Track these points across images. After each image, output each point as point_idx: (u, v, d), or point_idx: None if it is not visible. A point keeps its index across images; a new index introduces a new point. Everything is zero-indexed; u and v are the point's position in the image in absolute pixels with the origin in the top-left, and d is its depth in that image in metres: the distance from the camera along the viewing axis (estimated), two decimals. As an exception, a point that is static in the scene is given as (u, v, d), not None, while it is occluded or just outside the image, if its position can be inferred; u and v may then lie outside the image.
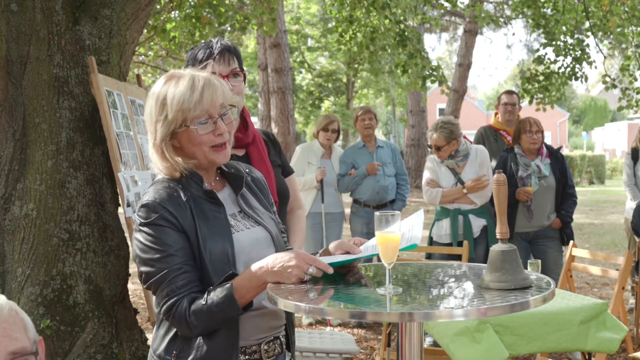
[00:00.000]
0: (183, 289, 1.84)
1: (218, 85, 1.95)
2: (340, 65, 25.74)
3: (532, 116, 5.31)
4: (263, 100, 14.83)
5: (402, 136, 33.74)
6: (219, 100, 1.92)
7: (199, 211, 1.91)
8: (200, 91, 1.90)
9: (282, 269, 1.83)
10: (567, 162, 5.30)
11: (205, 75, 1.96)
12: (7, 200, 3.54)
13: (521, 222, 5.15)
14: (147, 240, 1.88)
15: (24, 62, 3.57)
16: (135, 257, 1.93)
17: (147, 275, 1.89)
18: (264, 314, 1.97)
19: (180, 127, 1.90)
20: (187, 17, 7.55)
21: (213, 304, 1.81)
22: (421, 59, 8.54)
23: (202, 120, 1.90)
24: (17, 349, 1.50)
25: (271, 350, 2.01)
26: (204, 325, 1.84)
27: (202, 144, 1.92)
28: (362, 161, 5.95)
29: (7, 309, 1.53)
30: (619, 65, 10.87)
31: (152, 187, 1.96)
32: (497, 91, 57.90)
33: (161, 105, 1.91)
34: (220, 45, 2.59)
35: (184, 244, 1.87)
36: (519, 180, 5.10)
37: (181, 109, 1.88)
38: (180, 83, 1.91)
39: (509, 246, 1.86)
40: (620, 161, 31.01)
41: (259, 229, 2.03)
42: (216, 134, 1.92)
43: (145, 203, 1.90)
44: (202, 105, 1.89)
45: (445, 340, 3.23)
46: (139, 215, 1.91)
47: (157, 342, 1.96)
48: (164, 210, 1.87)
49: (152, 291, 1.91)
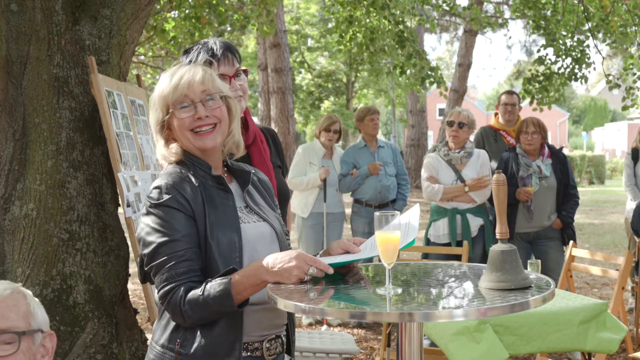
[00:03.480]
0: (183, 276, 1.84)
1: (200, 73, 1.98)
2: (340, 65, 25.74)
3: (533, 117, 5.30)
4: (263, 100, 14.83)
5: (402, 136, 33.73)
6: (197, 86, 1.96)
7: (208, 198, 1.93)
8: (179, 76, 1.97)
9: (282, 269, 1.82)
10: (569, 163, 5.28)
11: (192, 65, 2.02)
12: (7, 200, 3.54)
13: (521, 223, 5.14)
14: (155, 222, 1.88)
15: (24, 62, 3.57)
16: (139, 239, 1.93)
17: (149, 258, 1.89)
18: (267, 309, 1.96)
19: (167, 114, 1.96)
20: (187, 18, 7.55)
21: (209, 296, 1.81)
22: (420, 59, 8.54)
23: (183, 104, 1.96)
24: (4, 327, 1.51)
25: (273, 349, 2.00)
26: (198, 316, 1.84)
27: (184, 128, 1.96)
28: (364, 161, 5.96)
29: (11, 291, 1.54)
30: (618, 65, 10.88)
31: (163, 174, 1.98)
32: (497, 91, 57.91)
33: (151, 99, 2.00)
34: (221, 46, 2.57)
35: (191, 229, 1.88)
36: (520, 181, 5.10)
37: (161, 94, 1.97)
38: (166, 72, 2.02)
39: (508, 246, 1.86)
40: (620, 161, 31.00)
41: (264, 224, 2.04)
42: (195, 117, 1.95)
43: (159, 185, 1.92)
44: (179, 90, 1.95)
45: (443, 340, 3.23)
46: (149, 197, 1.91)
47: (158, 332, 1.96)
48: (177, 193, 1.89)
49: (152, 273, 1.90)
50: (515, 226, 5.13)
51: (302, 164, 6.05)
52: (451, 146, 5.13)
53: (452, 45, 36.80)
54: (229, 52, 2.57)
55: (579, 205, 5.28)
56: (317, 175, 5.91)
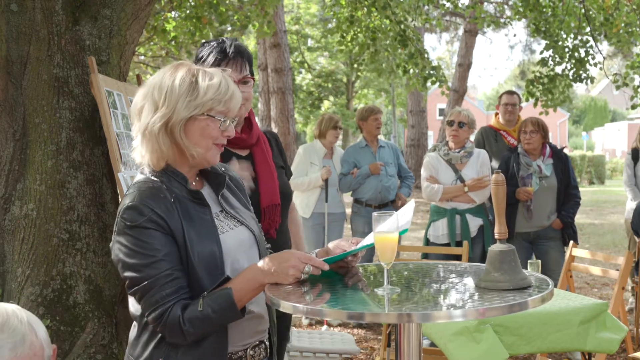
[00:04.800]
0: (173, 296, 1.80)
1: (240, 96, 1.99)
2: (340, 65, 25.72)
3: (533, 116, 5.28)
4: (263, 100, 14.82)
5: (402, 136, 33.72)
6: (237, 108, 1.97)
7: (184, 212, 1.87)
8: (232, 90, 1.94)
9: (279, 270, 1.82)
10: (570, 163, 5.26)
11: (231, 80, 1.98)
12: (7, 200, 3.54)
13: (521, 222, 5.13)
14: (134, 244, 1.81)
15: (24, 62, 3.57)
16: (117, 261, 1.85)
17: (133, 282, 1.82)
18: (250, 318, 1.94)
19: (202, 114, 1.89)
20: (188, 18, 7.55)
21: (211, 310, 1.78)
22: (422, 59, 8.53)
23: (221, 117, 1.92)
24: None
25: (257, 356, 1.99)
26: (199, 332, 1.80)
27: (211, 138, 1.92)
28: (365, 161, 5.96)
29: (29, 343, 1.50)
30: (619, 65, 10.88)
31: (134, 187, 1.91)
32: (497, 91, 57.86)
33: (189, 85, 1.89)
34: (234, 49, 2.55)
35: (172, 247, 1.82)
36: (520, 180, 5.09)
37: (214, 98, 1.89)
38: (213, 77, 1.92)
39: (507, 246, 1.86)
40: (620, 161, 30.98)
41: (242, 228, 2.01)
42: (225, 134, 1.94)
43: (131, 205, 1.83)
44: (230, 104, 1.92)
45: (443, 340, 3.22)
46: (123, 218, 1.83)
47: (139, 349, 1.90)
48: (152, 212, 1.82)
49: (137, 298, 1.84)
50: (515, 226, 5.13)
51: (303, 164, 6.05)
52: (451, 146, 5.13)
53: (452, 45, 36.79)
54: (240, 56, 2.55)
55: (580, 206, 5.26)
56: (319, 176, 5.91)
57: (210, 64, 2.52)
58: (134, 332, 1.95)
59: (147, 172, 1.94)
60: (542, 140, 5.14)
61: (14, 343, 1.47)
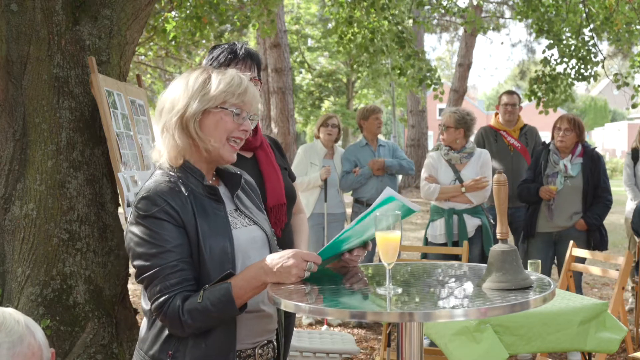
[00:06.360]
0: (176, 286, 1.82)
1: (257, 93, 2.01)
2: (340, 65, 25.72)
3: (569, 114, 5.17)
4: (263, 101, 14.81)
5: (402, 136, 33.72)
6: (254, 104, 1.98)
7: (199, 207, 1.90)
8: (246, 85, 1.96)
9: (281, 269, 1.82)
10: (603, 164, 5.03)
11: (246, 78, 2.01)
12: (7, 200, 3.54)
13: (542, 222, 5.02)
14: (145, 233, 1.85)
15: (24, 62, 3.57)
16: (129, 249, 1.90)
17: (141, 270, 1.86)
18: (260, 317, 1.96)
19: (216, 107, 1.92)
20: (188, 18, 7.55)
21: (210, 303, 1.79)
22: (419, 60, 8.53)
23: (237, 110, 1.94)
24: None
25: (265, 355, 2.00)
26: (198, 325, 1.82)
27: (226, 131, 1.93)
28: (365, 159, 5.98)
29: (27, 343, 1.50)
30: (619, 64, 10.87)
31: (152, 179, 1.95)
32: (497, 91, 57.89)
33: (203, 81, 1.93)
34: (244, 51, 2.63)
35: (182, 240, 1.85)
36: (545, 178, 4.99)
37: (227, 90, 1.92)
38: (227, 73, 1.96)
39: (509, 246, 1.86)
40: (620, 161, 30.98)
41: (255, 227, 2.03)
42: (241, 128, 1.95)
43: (146, 195, 1.88)
44: (244, 97, 1.94)
45: (443, 340, 3.22)
46: (137, 207, 1.88)
47: (148, 342, 1.92)
48: (165, 204, 1.86)
49: (144, 285, 1.88)
50: (537, 225, 5.02)
51: (303, 164, 6.05)
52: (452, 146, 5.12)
53: (452, 45, 36.81)
54: (249, 58, 2.63)
55: (609, 209, 5.00)
56: (318, 175, 5.91)
57: (220, 63, 2.59)
58: (144, 326, 1.97)
59: (165, 168, 1.97)
60: (577, 139, 4.97)
61: (12, 342, 1.47)
